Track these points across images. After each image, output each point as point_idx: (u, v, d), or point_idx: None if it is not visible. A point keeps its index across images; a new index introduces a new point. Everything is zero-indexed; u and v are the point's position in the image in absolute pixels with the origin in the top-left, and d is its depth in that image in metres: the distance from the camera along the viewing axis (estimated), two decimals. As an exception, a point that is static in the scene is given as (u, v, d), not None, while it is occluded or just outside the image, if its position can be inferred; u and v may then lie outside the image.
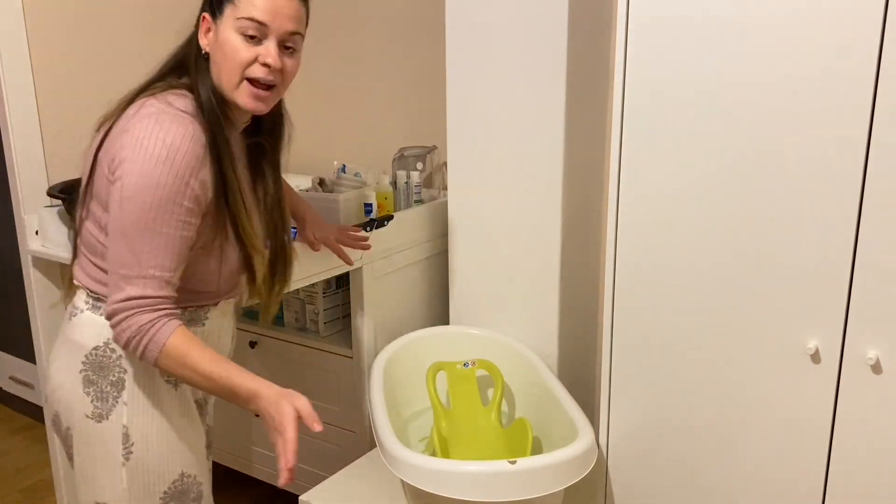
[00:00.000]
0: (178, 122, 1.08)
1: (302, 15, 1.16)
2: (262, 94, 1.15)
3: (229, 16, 1.12)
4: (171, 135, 1.06)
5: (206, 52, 1.16)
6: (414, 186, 1.90)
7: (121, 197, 1.06)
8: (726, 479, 1.32)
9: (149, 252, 1.07)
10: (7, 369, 2.84)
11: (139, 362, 1.16)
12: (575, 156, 1.61)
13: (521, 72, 1.58)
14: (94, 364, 1.16)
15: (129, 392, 1.16)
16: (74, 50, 1.94)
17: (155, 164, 1.05)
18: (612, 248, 1.36)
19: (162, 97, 1.12)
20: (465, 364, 1.66)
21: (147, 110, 1.09)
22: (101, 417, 1.16)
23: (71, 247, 1.26)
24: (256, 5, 1.11)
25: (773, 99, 1.15)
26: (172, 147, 1.05)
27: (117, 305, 1.08)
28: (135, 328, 1.08)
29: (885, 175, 1.08)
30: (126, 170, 1.06)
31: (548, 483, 1.24)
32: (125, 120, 1.10)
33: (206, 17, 1.16)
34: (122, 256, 1.07)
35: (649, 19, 1.23)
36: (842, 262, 1.14)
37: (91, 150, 1.16)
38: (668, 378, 1.35)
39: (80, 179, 1.19)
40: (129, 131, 1.07)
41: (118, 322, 1.09)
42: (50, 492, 2.30)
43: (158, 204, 1.06)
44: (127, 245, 1.07)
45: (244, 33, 1.12)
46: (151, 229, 1.07)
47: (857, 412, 1.17)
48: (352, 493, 1.51)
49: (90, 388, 1.16)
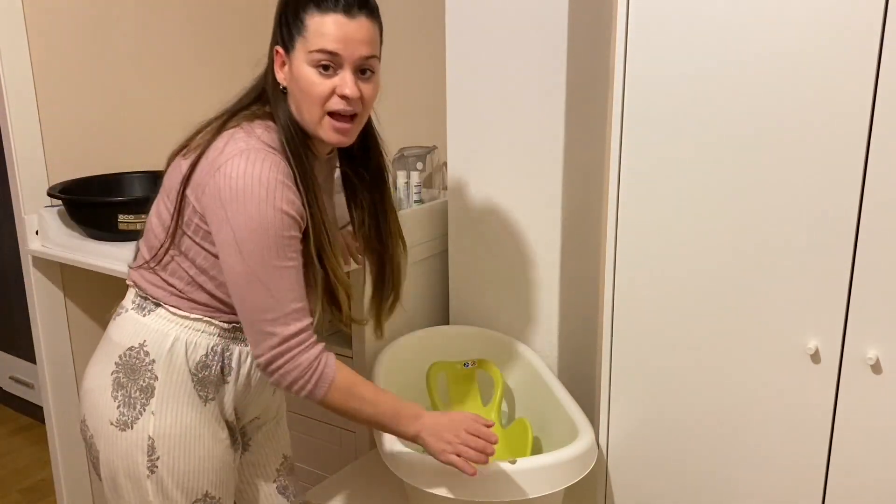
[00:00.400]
0: (268, 159, 1.06)
1: (374, 36, 1.12)
2: (345, 127, 1.12)
3: (301, 49, 1.09)
4: (265, 172, 1.05)
5: (284, 87, 1.13)
6: (414, 186, 1.90)
7: (236, 242, 1.05)
8: (726, 479, 1.32)
9: (284, 289, 1.07)
10: (7, 369, 2.84)
11: (171, 371, 1.14)
12: (575, 156, 1.61)
13: (521, 72, 1.58)
14: (126, 365, 1.15)
15: (157, 401, 1.14)
16: (74, 50, 1.94)
17: (258, 204, 1.04)
18: (612, 248, 1.36)
19: (249, 128, 1.10)
20: (465, 364, 1.66)
21: (236, 146, 1.07)
22: (126, 426, 1.14)
23: (134, 252, 1.25)
24: (326, 35, 1.07)
25: (773, 99, 1.15)
26: (270, 185, 1.04)
27: (276, 350, 1.08)
28: (302, 367, 1.08)
29: (885, 175, 1.08)
30: (231, 216, 1.04)
31: (548, 483, 1.24)
32: (214, 154, 1.08)
33: (279, 52, 1.13)
34: (260, 302, 1.07)
35: (649, 19, 1.23)
36: (842, 262, 1.14)
37: (177, 173, 1.13)
38: (668, 378, 1.35)
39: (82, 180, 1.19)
40: (221, 170, 1.05)
41: (281, 365, 1.08)
42: (50, 492, 2.30)
43: (274, 242, 1.05)
44: (263, 289, 1.06)
45: (318, 66, 1.08)
46: (278, 267, 1.06)
47: (857, 412, 1.16)
48: (352, 493, 1.51)
49: (119, 392, 1.14)
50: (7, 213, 2.54)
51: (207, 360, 1.16)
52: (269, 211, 1.04)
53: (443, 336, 1.77)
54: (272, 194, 1.04)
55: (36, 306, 1.93)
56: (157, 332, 1.15)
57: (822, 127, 1.12)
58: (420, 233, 1.85)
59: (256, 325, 1.08)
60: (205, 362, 1.16)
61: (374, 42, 1.12)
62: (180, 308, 1.16)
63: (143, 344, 1.15)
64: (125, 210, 1.74)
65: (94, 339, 2.06)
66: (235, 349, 1.19)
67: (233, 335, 1.18)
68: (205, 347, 1.16)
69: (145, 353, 1.14)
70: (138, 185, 1.99)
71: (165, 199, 1.16)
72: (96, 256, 1.75)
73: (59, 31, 1.90)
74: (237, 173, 1.04)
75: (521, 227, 1.67)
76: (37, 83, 1.86)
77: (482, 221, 1.73)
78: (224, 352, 1.18)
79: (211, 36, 2.26)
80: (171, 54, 2.16)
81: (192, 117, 1.21)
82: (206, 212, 1.08)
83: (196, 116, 1.21)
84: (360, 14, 1.08)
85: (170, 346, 1.14)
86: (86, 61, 1.97)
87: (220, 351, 1.17)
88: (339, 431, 1.88)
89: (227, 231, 1.05)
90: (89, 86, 1.98)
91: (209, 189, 1.07)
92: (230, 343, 1.18)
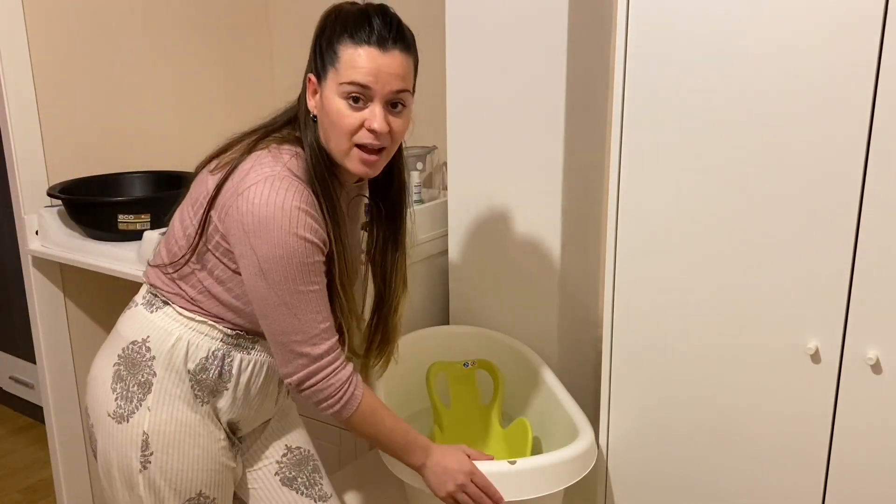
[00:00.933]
0: (292, 187, 1.06)
1: (408, 69, 1.10)
2: (371, 160, 1.11)
3: (332, 80, 1.08)
4: (287, 200, 1.05)
5: (314, 115, 1.13)
6: (414, 186, 1.90)
7: (261, 270, 1.06)
8: (726, 479, 1.32)
9: (311, 312, 1.09)
10: (7, 369, 2.84)
11: (170, 370, 1.15)
12: (575, 156, 1.61)
13: (521, 72, 1.58)
14: (127, 359, 1.16)
15: (154, 397, 1.14)
16: (74, 50, 1.94)
17: (280, 233, 1.04)
18: (612, 248, 1.36)
19: (277, 153, 1.10)
20: (465, 364, 1.65)
21: (262, 171, 1.07)
22: (122, 419, 1.15)
23: (154, 253, 1.25)
24: (358, 68, 1.05)
25: (773, 99, 1.15)
26: (292, 213, 1.05)
27: (308, 370, 1.10)
28: (334, 387, 1.11)
29: (885, 175, 1.08)
30: (255, 244, 1.05)
31: (548, 483, 1.24)
32: (240, 176, 1.08)
33: (312, 79, 1.12)
34: (288, 325, 1.09)
35: (649, 19, 1.23)
36: (842, 262, 1.14)
37: (203, 188, 1.13)
38: (668, 378, 1.35)
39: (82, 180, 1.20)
40: (245, 195, 1.05)
41: (314, 384, 1.11)
42: (50, 492, 2.30)
43: (298, 269, 1.06)
44: (289, 313, 1.08)
45: (348, 98, 1.07)
46: (303, 291, 1.07)
47: (857, 412, 1.16)
48: (352, 493, 1.51)
49: (118, 384, 1.16)
50: (7, 213, 2.54)
51: (207, 364, 1.17)
52: (292, 240, 1.05)
53: (443, 336, 1.77)
54: (294, 222, 1.05)
55: (36, 306, 1.93)
56: (162, 330, 1.16)
57: (822, 127, 1.12)
58: (420, 233, 1.85)
59: (287, 347, 1.10)
60: (204, 365, 1.16)
61: (408, 76, 1.10)
62: (187, 310, 1.17)
63: (146, 339, 1.16)
64: (125, 210, 1.74)
65: (94, 339, 2.06)
66: (237, 356, 1.19)
67: (236, 342, 1.18)
68: (206, 350, 1.16)
69: (147, 349, 1.15)
70: (138, 185, 1.99)
71: (189, 209, 1.16)
72: (96, 256, 1.75)
73: (59, 31, 1.90)
74: (260, 200, 1.04)
75: (521, 226, 1.67)
76: (37, 83, 1.86)
77: (482, 221, 1.73)
78: (225, 357, 1.18)
79: (211, 36, 2.26)
80: (172, 54, 2.16)
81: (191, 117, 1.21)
82: (229, 234, 1.09)
83: (196, 116, 1.21)
84: (395, 48, 1.07)
85: (172, 344, 1.15)
86: (86, 61, 1.97)
87: (220, 356, 1.17)
88: (339, 431, 1.88)
89: (252, 258, 1.06)
90: (89, 86, 1.98)
91: (232, 212, 1.07)
92: (232, 349, 1.18)
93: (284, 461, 1.33)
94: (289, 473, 1.33)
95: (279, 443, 1.34)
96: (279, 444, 1.34)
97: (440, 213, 1.88)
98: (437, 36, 2.07)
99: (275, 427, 1.34)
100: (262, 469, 1.31)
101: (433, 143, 2.08)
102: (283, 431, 1.35)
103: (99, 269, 1.72)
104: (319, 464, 1.39)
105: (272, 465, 1.32)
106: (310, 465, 1.36)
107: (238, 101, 2.34)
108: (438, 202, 1.90)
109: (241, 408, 1.22)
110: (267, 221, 1.04)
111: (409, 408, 1.71)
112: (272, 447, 1.33)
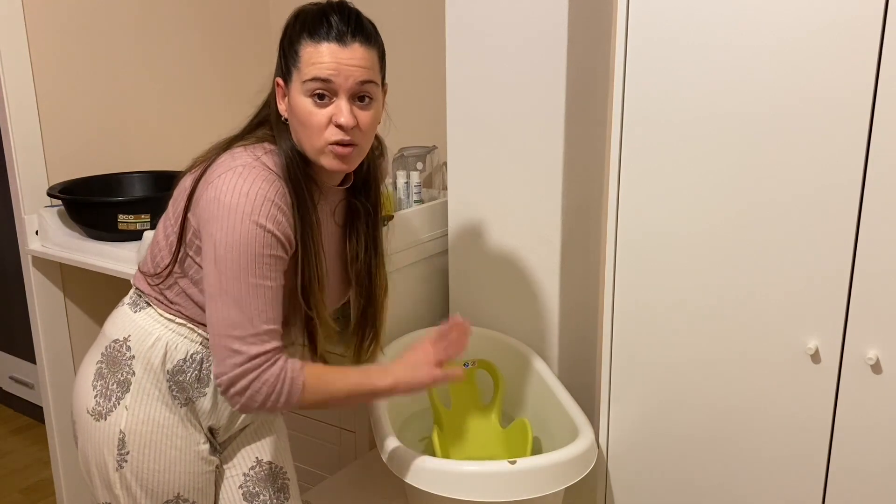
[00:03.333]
0: (263, 178, 1.05)
1: (371, 61, 1.08)
2: (343, 152, 1.08)
3: (296, 80, 1.08)
4: (253, 188, 1.03)
5: (286, 118, 1.12)
6: (414, 186, 1.90)
7: (215, 256, 1.03)
8: (726, 479, 1.32)
9: (257, 309, 1.04)
10: (7, 369, 2.84)
11: (148, 370, 1.14)
12: (575, 156, 1.61)
13: (521, 72, 1.58)
14: (109, 357, 1.17)
15: (132, 396, 1.14)
16: (74, 50, 1.94)
17: (241, 219, 1.02)
18: (612, 248, 1.36)
19: (252, 150, 1.09)
20: (465, 364, 1.65)
21: (234, 162, 1.06)
22: (100, 417, 1.15)
23: (143, 255, 1.24)
24: (317, 64, 1.05)
25: (773, 98, 1.15)
26: (256, 201, 1.02)
27: (240, 369, 1.04)
28: (270, 383, 1.04)
29: (885, 175, 1.08)
30: (215, 230, 1.03)
31: (548, 483, 1.24)
32: (213, 169, 1.08)
33: (280, 83, 1.12)
34: (230, 317, 1.03)
35: (649, 18, 1.23)
36: (842, 262, 1.14)
37: (184, 187, 1.13)
38: (668, 378, 1.35)
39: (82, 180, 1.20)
40: (213, 184, 1.04)
41: (248, 385, 1.04)
42: (50, 492, 2.30)
43: (252, 259, 1.03)
44: (235, 304, 1.03)
45: (313, 95, 1.06)
46: (254, 285, 1.04)
47: (857, 412, 1.16)
48: (352, 494, 1.51)
49: (98, 381, 1.16)
50: (7, 213, 2.54)
51: (184, 366, 1.17)
52: (251, 226, 1.02)
53: (443, 336, 1.77)
54: (256, 210, 1.02)
55: (36, 306, 1.93)
56: (142, 330, 1.16)
57: (822, 127, 1.12)
58: (420, 233, 1.85)
59: (223, 342, 1.04)
60: (181, 367, 1.16)
61: (371, 68, 1.09)
62: (168, 312, 1.17)
63: (127, 339, 1.16)
64: (125, 210, 1.74)
65: (93, 339, 2.05)
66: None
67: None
68: (184, 352, 1.17)
69: (127, 348, 1.16)
70: (138, 185, 1.99)
71: (171, 214, 1.16)
72: (96, 256, 1.75)
73: (59, 32, 1.90)
74: (227, 187, 1.03)
75: (521, 226, 1.67)
76: (37, 83, 1.86)
77: (482, 221, 1.73)
78: (203, 361, 1.18)
79: (211, 36, 2.26)
80: (171, 54, 2.16)
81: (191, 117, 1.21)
82: (200, 226, 1.07)
83: (196, 116, 1.21)
84: (354, 41, 1.06)
85: (151, 344, 1.15)
86: (86, 61, 1.97)
87: (199, 360, 1.17)
88: (338, 431, 1.88)
89: (210, 245, 1.04)
90: (89, 86, 1.98)
91: (201, 202, 1.06)
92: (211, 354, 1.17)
93: (251, 474, 1.27)
94: (252, 488, 1.27)
95: (250, 453, 1.28)
96: (249, 454, 1.28)
97: (440, 213, 1.88)
98: (437, 36, 2.07)
99: (250, 435, 1.29)
100: (227, 479, 1.26)
101: (433, 143, 2.08)
102: (257, 441, 1.29)
103: (99, 269, 1.72)
104: (290, 483, 1.32)
105: (238, 477, 1.27)
106: (277, 483, 1.30)
107: (238, 102, 2.34)
108: (438, 202, 1.90)
109: (222, 412, 1.21)
110: (229, 208, 1.02)
111: (409, 408, 1.71)
112: (241, 456, 1.28)
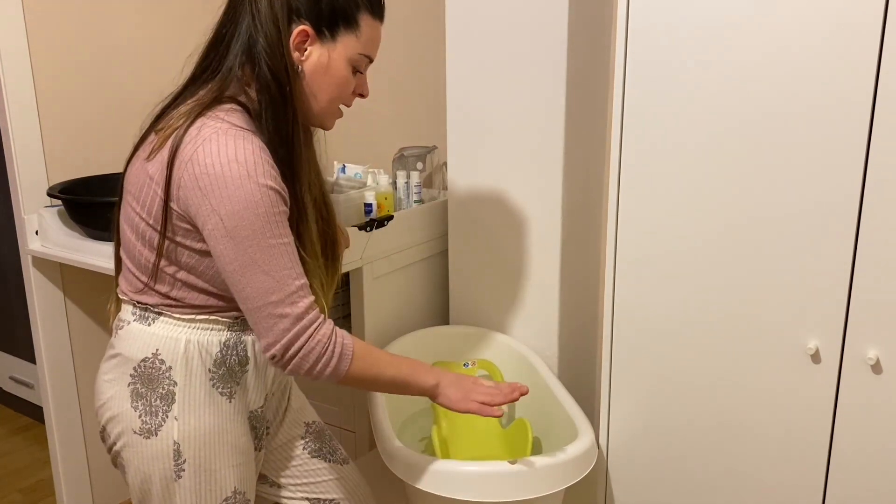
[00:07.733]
0: (239, 135, 1.02)
1: None
2: (341, 116, 1.17)
3: (347, 45, 1.09)
4: (239, 150, 1.01)
5: (300, 67, 1.09)
6: (414, 186, 1.90)
7: (225, 230, 1.01)
8: (726, 479, 1.32)
9: (284, 268, 1.03)
10: (7, 369, 2.84)
11: (190, 375, 1.13)
12: (575, 156, 1.61)
13: (522, 72, 1.58)
14: (142, 376, 1.13)
15: (179, 406, 1.12)
16: (74, 50, 1.94)
17: (241, 185, 1.00)
18: (612, 248, 1.36)
19: (214, 116, 1.05)
20: (465, 364, 1.65)
21: (202, 133, 1.03)
22: (150, 434, 1.12)
23: (113, 259, 1.23)
24: (375, 42, 1.11)
25: (773, 97, 1.15)
26: (248, 162, 1.00)
27: (292, 333, 1.04)
28: (322, 343, 1.05)
29: (885, 174, 1.08)
30: (216, 204, 1.00)
31: (548, 483, 1.24)
32: (186, 145, 1.03)
33: (307, 31, 1.08)
34: (262, 285, 1.02)
35: (649, 19, 1.23)
36: (842, 262, 1.14)
37: (143, 176, 1.09)
38: (668, 378, 1.35)
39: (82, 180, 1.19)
40: (193, 158, 1.01)
41: (301, 347, 1.04)
42: (50, 492, 2.30)
43: (265, 220, 1.01)
44: (261, 272, 1.02)
45: (357, 67, 1.11)
46: (273, 246, 1.02)
47: (857, 412, 1.16)
48: (352, 493, 1.51)
49: (139, 401, 1.13)
50: (7, 213, 2.54)
51: (223, 357, 1.15)
52: (253, 188, 1.00)
53: (443, 336, 1.77)
54: (252, 171, 1.00)
55: (36, 306, 1.93)
56: (168, 339, 1.13)
57: (822, 127, 1.12)
58: (420, 233, 1.85)
59: (263, 312, 1.03)
60: (221, 359, 1.15)
61: None
62: (181, 312, 1.14)
63: (156, 353, 1.13)
64: (125, 210, 1.74)
65: (94, 339, 2.06)
66: (248, 339, 1.17)
67: (240, 327, 1.17)
68: (217, 344, 1.15)
69: (161, 362, 1.12)
70: (138, 185, 1.98)
71: (135, 204, 1.11)
72: (96, 256, 1.75)
73: (59, 31, 1.90)
74: (211, 157, 1.00)
75: (521, 226, 1.67)
76: (37, 83, 1.86)
77: (482, 222, 1.73)
78: (237, 344, 1.16)
79: (211, 36, 2.26)
80: (171, 54, 2.16)
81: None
82: (188, 206, 1.03)
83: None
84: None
85: (183, 350, 1.13)
86: (86, 62, 1.97)
87: (232, 344, 1.16)
88: (338, 431, 1.88)
89: (215, 221, 1.01)
90: (89, 86, 1.98)
91: (185, 182, 1.02)
92: (241, 335, 1.16)
93: (308, 437, 1.37)
94: (314, 446, 1.37)
95: (298, 422, 1.37)
96: (298, 423, 1.37)
97: (440, 213, 1.88)
98: (437, 36, 2.07)
99: (291, 411, 1.37)
100: (293, 448, 1.35)
101: (433, 143, 2.08)
102: (297, 412, 1.38)
103: (99, 269, 1.72)
104: (330, 431, 1.44)
105: (300, 443, 1.36)
106: (326, 434, 1.41)
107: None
108: (438, 202, 1.90)
109: (269, 381, 1.23)
110: (223, 176, 0.99)
111: (409, 408, 1.71)
112: (294, 428, 1.36)
